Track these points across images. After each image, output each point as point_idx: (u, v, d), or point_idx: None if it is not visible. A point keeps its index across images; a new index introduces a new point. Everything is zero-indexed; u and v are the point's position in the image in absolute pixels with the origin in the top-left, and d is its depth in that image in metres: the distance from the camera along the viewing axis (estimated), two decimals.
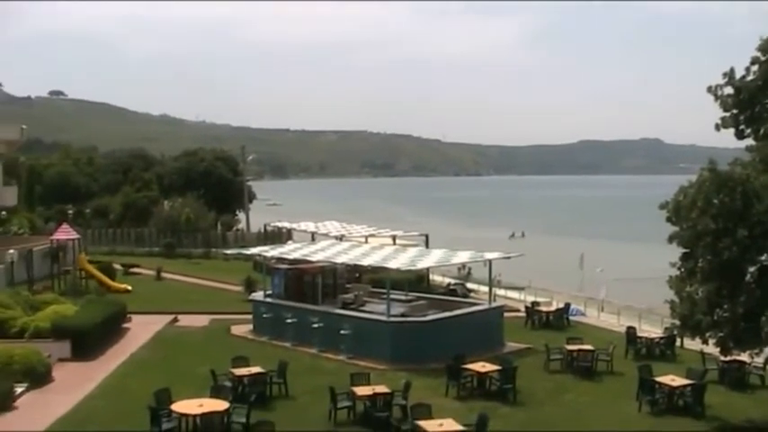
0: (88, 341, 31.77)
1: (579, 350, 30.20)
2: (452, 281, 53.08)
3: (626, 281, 59.89)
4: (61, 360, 30.49)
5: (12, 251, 44.28)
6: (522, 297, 49.22)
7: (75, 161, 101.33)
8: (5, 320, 32.69)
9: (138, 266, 58.53)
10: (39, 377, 27.72)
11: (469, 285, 51.27)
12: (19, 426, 23.28)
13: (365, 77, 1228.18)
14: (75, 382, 28.05)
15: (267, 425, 20.55)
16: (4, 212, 66.11)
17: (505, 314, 36.62)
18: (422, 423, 20.74)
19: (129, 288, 48.70)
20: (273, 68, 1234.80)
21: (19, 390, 26.29)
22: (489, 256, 35.64)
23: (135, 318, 38.81)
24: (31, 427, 22.96)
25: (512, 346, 33.70)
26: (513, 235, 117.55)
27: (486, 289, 40.99)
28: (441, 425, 20.57)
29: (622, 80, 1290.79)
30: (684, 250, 22.80)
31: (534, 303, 42.00)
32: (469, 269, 55.04)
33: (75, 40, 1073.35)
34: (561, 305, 42.23)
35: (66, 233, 50.54)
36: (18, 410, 25.05)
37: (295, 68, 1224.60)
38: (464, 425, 20.71)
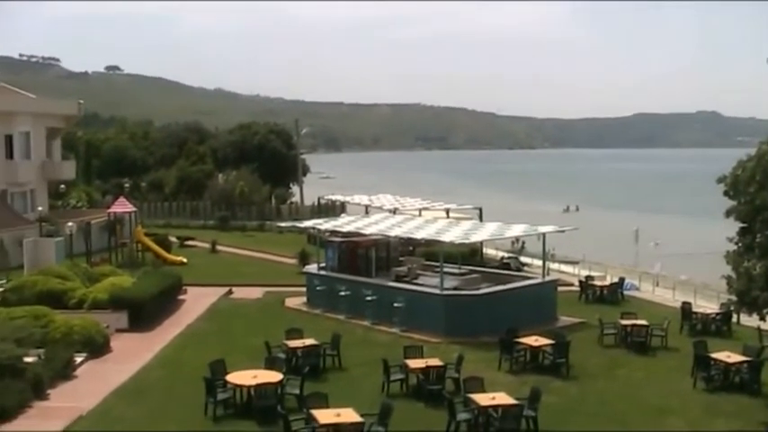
0: (145, 312, 32.23)
1: (633, 325, 29.93)
2: (506, 254, 52.93)
3: (681, 255, 59.23)
4: (119, 331, 30.99)
5: (70, 224, 44.89)
6: (576, 271, 48.87)
7: (131, 135, 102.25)
8: (65, 292, 33.23)
9: (193, 239, 59.09)
10: (97, 347, 28.21)
11: (523, 259, 51.12)
12: (80, 393, 23.73)
13: (419, 51, 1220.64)
14: (132, 353, 28.49)
15: (320, 396, 20.66)
16: (63, 186, 67.07)
17: (559, 288, 36.43)
18: (474, 396, 20.74)
19: (185, 260, 49.19)
20: (327, 42, 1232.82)
21: (79, 359, 26.78)
22: (543, 229, 35.44)
23: (190, 290, 39.25)
24: (92, 395, 23.38)
25: (565, 320, 33.54)
26: (567, 208, 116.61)
27: (539, 263, 40.85)
28: (493, 398, 20.56)
29: (679, 52, 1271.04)
30: (742, 225, 22.49)
31: (588, 277, 41.72)
32: (523, 243, 54.87)
33: (130, 16, 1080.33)
34: (615, 279, 41.92)
35: (122, 206, 51.10)
36: (78, 379, 25.53)
37: (349, 42, 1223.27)
38: (516, 398, 20.66)
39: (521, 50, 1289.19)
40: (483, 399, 20.53)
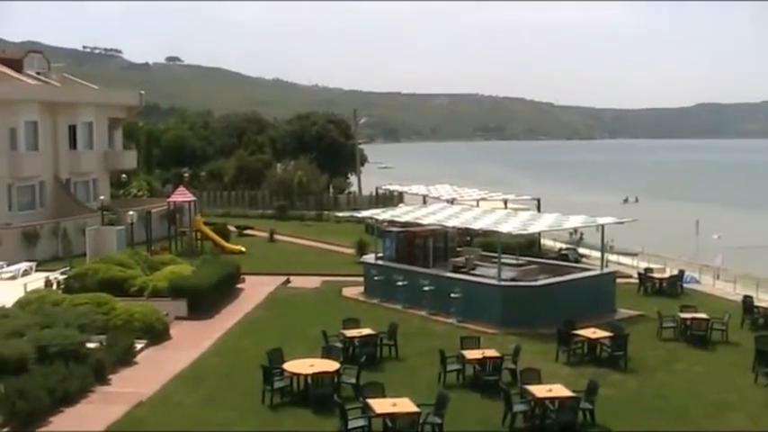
0: (204, 300, 32.56)
1: (693, 318, 29.52)
2: (564, 245, 52.57)
3: (743, 248, 58.35)
4: (178, 318, 31.33)
5: (131, 213, 45.44)
6: (635, 263, 48.34)
7: (190, 125, 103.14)
8: (125, 279, 33.70)
9: (251, 228, 59.45)
10: (157, 334, 28.59)
11: (581, 250, 50.74)
12: (141, 379, 24.08)
13: (477, 40, 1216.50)
14: (191, 340, 28.81)
15: (377, 386, 20.73)
16: (124, 175, 67.91)
17: (618, 280, 36.05)
18: (531, 388, 20.66)
19: (243, 249, 49.54)
20: (386, 32, 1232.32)
21: (139, 346, 27.16)
22: (602, 220, 35.15)
23: (248, 278, 39.51)
24: (152, 381, 23.73)
25: (623, 312, 33.20)
26: (626, 200, 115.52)
27: (598, 254, 40.51)
28: (550, 390, 20.46)
29: (742, 42, 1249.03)
30: None
31: (647, 270, 41.24)
32: (581, 234, 54.48)
33: (190, 7, 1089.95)
34: (675, 272, 41.37)
35: (182, 195, 51.60)
36: (138, 365, 25.90)
37: (407, 32, 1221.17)
38: (573, 391, 20.54)
39: (580, 40, 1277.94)
40: (540, 390, 20.44)
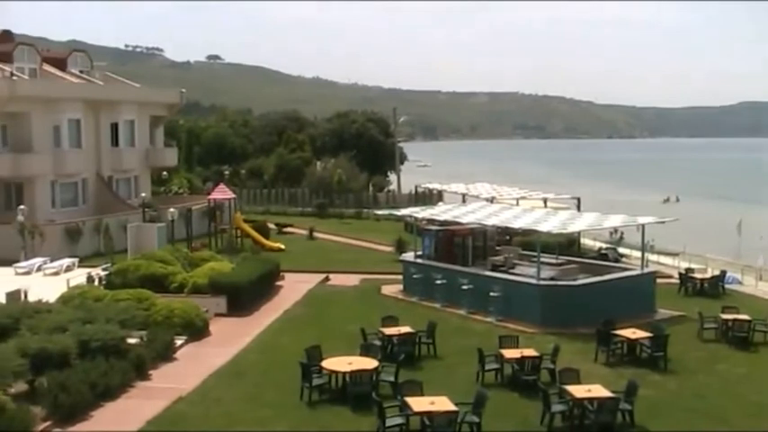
0: (243, 297, 32.73)
1: (735, 319, 29.20)
2: (604, 245, 52.20)
3: None
4: (218, 315, 31.52)
5: (172, 210, 45.78)
6: (676, 263, 47.90)
7: (231, 123, 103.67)
8: (166, 276, 33.97)
9: (291, 226, 59.70)
10: (197, 330, 28.81)
11: (621, 250, 50.34)
12: (181, 375, 24.28)
13: (517, 38, 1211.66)
14: (230, 337, 28.99)
15: (415, 384, 20.75)
16: (165, 173, 68.39)
17: (658, 280, 35.72)
18: (570, 388, 20.56)
19: (283, 247, 49.71)
20: (425, 30, 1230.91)
21: (179, 342, 27.39)
22: (642, 220, 34.89)
23: (288, 276, 39.66)
24: (192, 377, 23.92)
25: (664, 312, 32.91)
26: (667, 199, 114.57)
27: (638, 254, 40.23)
28: (589, 390, 20.36)
29: None
30: None
31: (688, 270, 40.84)
32: (622, 233, 54.04)
33: (230, 6, 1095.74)
34: (717, 272, 40.93)
35: (222, 193, 51.91)
36: (179, 361, 26.12)
37: (446, 30, 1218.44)
38: (613, 391, 20.41)
39: (621, 37, 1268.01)
40: (578, 391, 20.35)
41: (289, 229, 58.75)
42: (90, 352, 23.22)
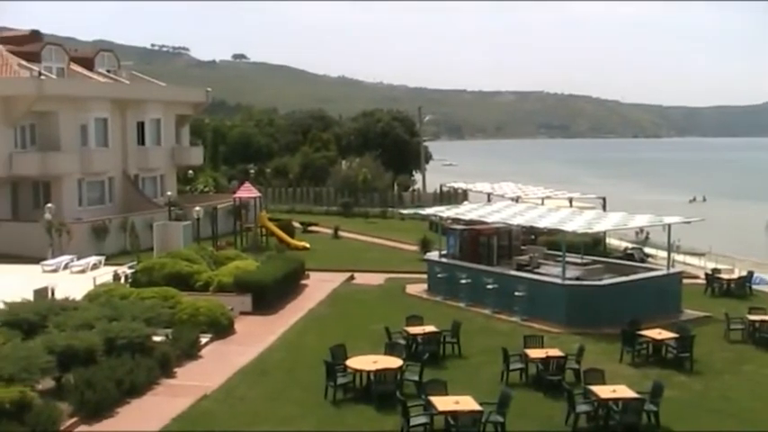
0: (268, 296, 32.83)
1: (762, 320, 28.94)
2: (629, 245, 52.00)
3: None
4: (243, 313, 31.61)
5: (198, 208, 46.00)
6: (702, 263, 47.63)
7: (256, 122, 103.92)
8: (191, 274, 34.10)
9: (316, 225, 59.79)
10: (222, 329, 28.90)
11: (647, 250, 50.12)
12: (206, 373, 24.38)
13: (543, 37, 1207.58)
14: (255, 335, 29.06)
15: (439, 383, 20.73)
16: (190, 171, 68.68)
17: (684, 281, 35.49)
18: (594, 388, 20.49)
19: (308, 246, 49.77)
20: (450, 29, 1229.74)
21: (204, 340, 27.50)
22: (668, 220, 34.70)
23: (313, 275, 39.71)
24: (217, 375, 24.01)
25: (690, 313, 32.68)
26: (693, 199, 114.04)
27: (664, 254, 39.97)
28: (614, 391, 20.27)
29: None
30: None
31: (715, 270, 40.57)
32: (647, 233, 53.87)
33: (256, 6, 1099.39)
34: (744, 273, 40.67)
35: (247, 191, 52.06)
36: (203, 359, 26.23)
37: (471, 29, 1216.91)
38: (638, 392, 20.31)
39: (648, 36, 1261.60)
40: (603, 391, 20.27)
41: (314, 228, 58.83)
42: (116, 349, 23.37)
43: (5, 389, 18.58)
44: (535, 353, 23.91)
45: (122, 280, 34.73)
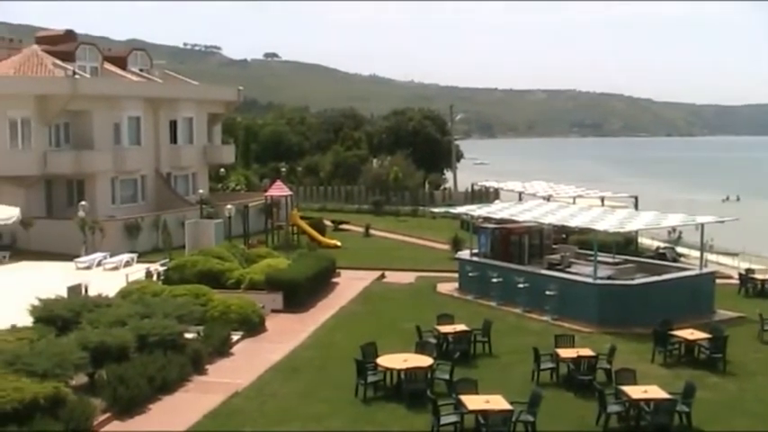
0: (299, 294, 32.92)
1: None
2: (662, 244, 51.62)
3: None
4: (274, 311, 31.74)
5: (229, 206, 46.19)
6: (736, 263, 47.19)
7: (288, 120, 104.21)
8: (223, 272, 34.26)
9: (347, 223, 59.88)
10: (253, 326, 29.03)
11: (679, 249, 49.75)
12: (237, 370, 24.51)
13: (576, 35, 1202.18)
14: (286, 333, 29.17)
15: (470, 382, 20.70)
16: (222, 170, 69.02)
17: (717, 281, 35.18)
18: (626, 388, 20.37)
19: (339, 244, 49.89)
20: (481, 27, 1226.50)
21: (235, 337, 27.64)
22: (701, 219, 34.42)
23: (344, 273, 39.79)
24: (248, 372, 24.13)
25: (723, 314, 32.38)
26: (726, 198, 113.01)
27: (697, 254, 39.71)
28: (645, 391, 20.14)
29: None
30: None
31: (749, 270, 40.16)
32: (680, 233, 53.42)
33: (287, 5, 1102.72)
34: None
35: (279, 190, 52.20)
36: (235, 356, 26.37)
37: (503, 28, 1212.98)
38: (670, 393, 20.18)
39: (681, 35, 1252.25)
40: (635, 391, 20.15)
41: (345, 227, 58.93)
42: (148, 346, 23.54)
43: (40, 384, 18.75)
44: (566, 352, 23.82)
45: (154, 277, 34.92)
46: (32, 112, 49.04)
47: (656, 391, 20.14)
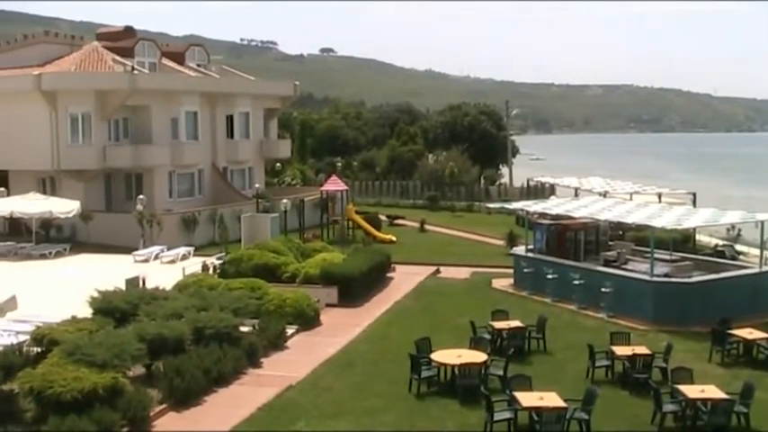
0: (354, 288, 33.01)
1: None
2: (720, 242, 50.90)
3: None
4: (329, 305, 31.87)
5: (285, 200, 46.47)
6: None
7: (344, 115, 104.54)
8: (278, 266, 34.50)
9: (402, 218, 59.84)
10: (308, 320, 29.20)
11: (739, 247, 48.98)
12: (291, 363, 24.69)
13: (633, 29, 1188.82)
14: (341, 327, 29.30)
15: (524, 379, 20.65)
16: (278, 164, 69.37)
17: None
18: (682, 387, 20.15)
19: (394, 239, 49.90)
20: (537, 22, 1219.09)
21: (290, 331, 27.83)
22: (762, 216, 33.86)
23: (399, 268, 39.84)
24: (302, 366, 24.31)
25: None
26: None
27: (757, 252, 39.10)
28: (702, 391, 19.89)
29: None
30: None
31: None
32: (739, 230, 52.62)
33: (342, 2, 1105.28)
34: None
35: (335, 184, 52.39)
36: (290, 349, 26.56)
37: (560, 22, 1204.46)
38: (728, 393, 19.91)
39: (740, 28, 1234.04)
40: (691, 391, 19.93)
41: (400, 221, 58.91)
42: (204, 339, 23.80)
43: (99, 375, 19.08)
44: (622, 350, 23.64)
45: (211, 271, 35.28)
46: (92, 107, 49.80)
47: (713, 391, 19.88)
